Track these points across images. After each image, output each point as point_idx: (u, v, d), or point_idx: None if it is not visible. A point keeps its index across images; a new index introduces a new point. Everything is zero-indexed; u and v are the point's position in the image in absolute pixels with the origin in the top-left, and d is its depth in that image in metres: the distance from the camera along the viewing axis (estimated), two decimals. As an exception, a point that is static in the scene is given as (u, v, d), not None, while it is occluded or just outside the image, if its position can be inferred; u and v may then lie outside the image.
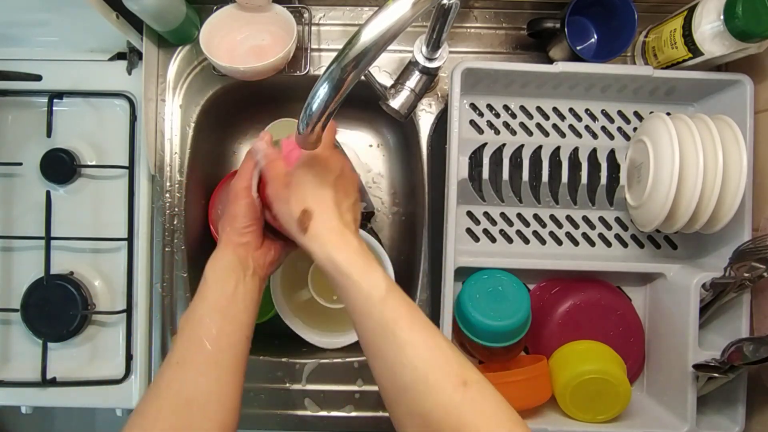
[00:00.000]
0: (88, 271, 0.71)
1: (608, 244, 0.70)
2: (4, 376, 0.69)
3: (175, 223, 0.71)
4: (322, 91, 0.42)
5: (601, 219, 0.70)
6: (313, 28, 0.72)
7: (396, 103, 0.65)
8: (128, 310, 0.70)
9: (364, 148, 0.85)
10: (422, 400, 0.39)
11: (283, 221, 0.48)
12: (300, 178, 0.47)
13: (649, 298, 0.69)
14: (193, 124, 0.71)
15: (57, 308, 0.68)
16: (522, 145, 0.69)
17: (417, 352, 0.40)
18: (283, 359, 0.70)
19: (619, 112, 0.69)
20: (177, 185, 0.71)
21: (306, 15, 0.70)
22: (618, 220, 0.70)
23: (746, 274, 0.59)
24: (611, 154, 0.69)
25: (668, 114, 0.63)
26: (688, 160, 0.57)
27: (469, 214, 0.69)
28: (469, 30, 0.72)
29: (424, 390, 0.39)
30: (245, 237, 0.51)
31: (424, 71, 0.65)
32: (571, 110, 0.69)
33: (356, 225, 0.49)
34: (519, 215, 0.69)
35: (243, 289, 0.49)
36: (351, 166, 0.51)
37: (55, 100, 0.70)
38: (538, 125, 0.69)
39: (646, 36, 0.69)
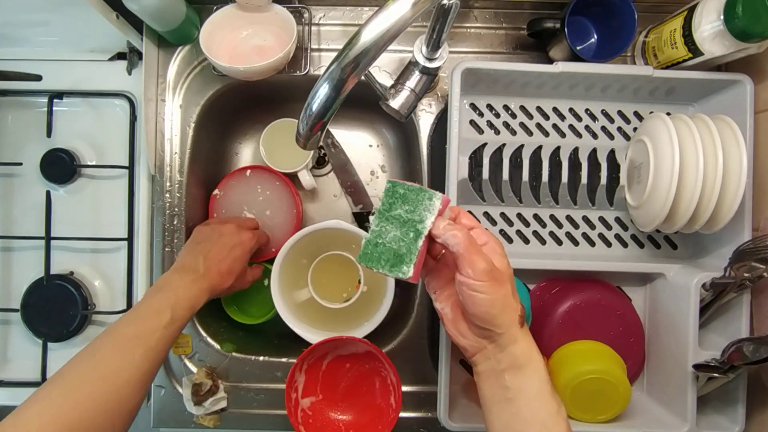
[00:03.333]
0: (88, 271, 0.71)
1: (608, 244, 0.70)
2: (4, 376, 0.69)
3: (175, 223, 0.71)
4: (322, 91, 0.42)
5: (601, 219, 0.70)
6: (313, 28, 0.72)
7: (396, 103, 0.65)
8: (128, 310, 0.70)
9: (364, 148, 0.85)
10: None
11: (494, 305, 0.42)
12: (506, 268, 0.44)
13: (649, 298, 0.69)
14: (193, 124, 0.71)
15: (57, 308, 0.68)
16: (522, 145, 0.69)
17: None
18: (283, 359, 0.70)
19: (619, 112, 0.70)
20: (177, 185, 0.71)
21: (306, 15, 0.70)
22: (618, 220, 0.70)
23: (746, 274, 0.59)
24: (611, 154, 0.69)
25: (668, 114, 0.63)
26: (688, 160, 0.57)
27: (470, 214, 0.69)
28: (469, 30, 0.73)
29: None
30: (228, 282, 0.63)
31: (424, 71, 0.65)
32: (571, 110, 0.69)
33: None
34: (519, 215, 0.69)
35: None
36: None
37: (55, 100, 0.70)
38: (538, 125, 0.69)
39: (646, 36, 0.69)
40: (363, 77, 0.44)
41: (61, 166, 0.69)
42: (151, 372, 0.51)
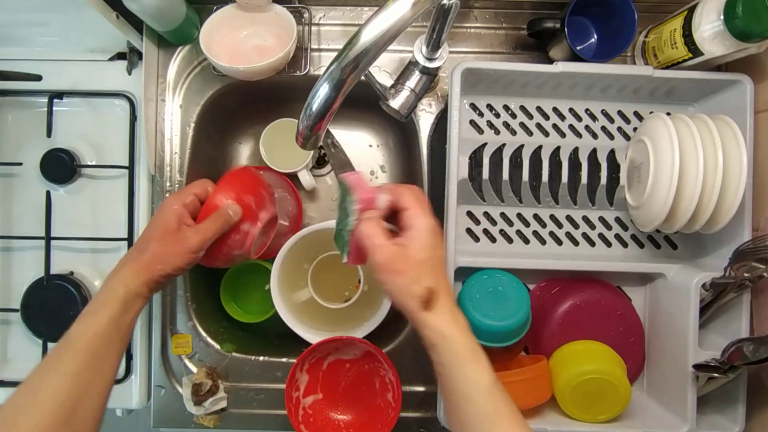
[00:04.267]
0: (88, 271, 0.71)
1: (608, 244, 0.70)
2: (4, 376, 0.69)
3: (175, 223, 0.70)
4: (322, 91, 0.42)
5: (601, 219, 0.70)
6: (313, 28, 0.72)
7: (396, 103, 0.65)
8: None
9: (364, 148, 0.85)
10: None
11: (396, 293, 0.46)
12: (421, 254, 0.46)
13: (649, 298, 0.69)
14: (193, 124, 0.71)
15: (57, 308, 0.68)
16: (522, 145, 0.69)
17: None
18: (283, 359, 0.70)
19: (619, 112, 0.69)
20: (177, 185, 0.71)
21: (306, 15, 0.70)
22: (618, 220, 0.70)
23: (746, 274, 0.59)
24: (611, 154, 0.69)
25: (668, 114, 0.63)
26: (688, 160, 0.57)
27: (469, 214, 0.69)
28: (469, 30, 0.72)
29: None
30: (149, 249, 0.52)
31: (424, 71, 0.65)
32: (571, 110, 0.69)
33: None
34: (519, 215, 0.69)
35: (134, 317, 0.52)
36: None
37: (55, 100, 0.70)
38: (538, 125, 0.69)
39: (646, 36, 0.69)
40: (363, 77, 0.44)
41: (61, 166, 0.69)
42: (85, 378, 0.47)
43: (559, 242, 0.69)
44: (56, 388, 0.46)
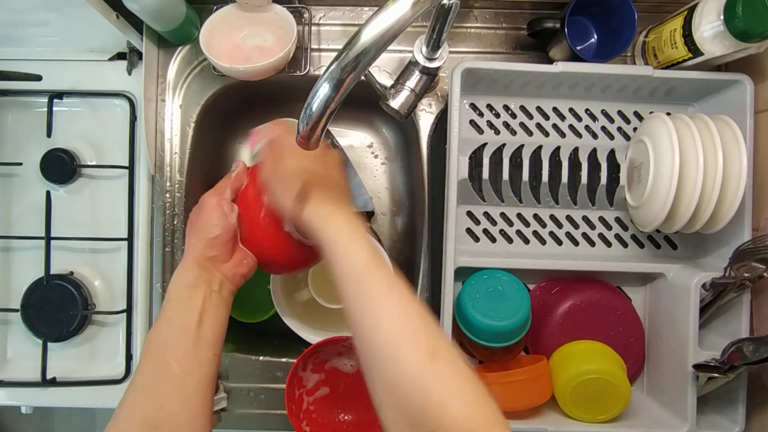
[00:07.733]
0: (88, 271, 0.71)
1: (608, 244, 0.70)
2: (4, 376, 0.69)
3: (175, 223, 0.71)
4: (322, 91, 0.42)
5: (601, 219, 0.70)
6: (313, 28, 0.72)
7: (396, 103, 0.65)
8: (128, 310, 0.70)
9: (364, 148, 0.85)
10: (392, 370, 0.39)
11: (281, 198, 0.49)
12: (294, 161, 0.50)
13: (649, 298, 0.69)
14: (193, 124, 0.71)
15: (57, 308, 0.68)
16: (522, 145, 0.69)
17: (390, 321, 0.41)
18: (283, 359, 0.70)
19: (619, 112, 0.69)
20: (177, 185, 0.71)
21: (306, 15, 0.70)
22: (618, 220, 0.70)
23: (746, 274, 0.59)
24: (611, 154, 0.69)
25: (668, 114, 0.63)
26: (688, 160, 0.57)
27: (469, 214, 0.69)
28: (469, 30, 0.72)
29: (394, 360, 0.39)
30: (213, 250, 0.51)
31: (424, 71, 0.65)
32: (571, 110, 0.69)
33: (348, 199, 0.52)
34: (519, 215, 0.69)
35: (210, 306, 0.49)
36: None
37: (55, 100, 0.70)
38: (538, 125, 0.69)
39: (646, 36, 0.69)
40: (363, 77, 0.44)
41: (61, 166, 0.69)
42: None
43: (559, 242, 0.69)
44: (133, 403, 0.44)
